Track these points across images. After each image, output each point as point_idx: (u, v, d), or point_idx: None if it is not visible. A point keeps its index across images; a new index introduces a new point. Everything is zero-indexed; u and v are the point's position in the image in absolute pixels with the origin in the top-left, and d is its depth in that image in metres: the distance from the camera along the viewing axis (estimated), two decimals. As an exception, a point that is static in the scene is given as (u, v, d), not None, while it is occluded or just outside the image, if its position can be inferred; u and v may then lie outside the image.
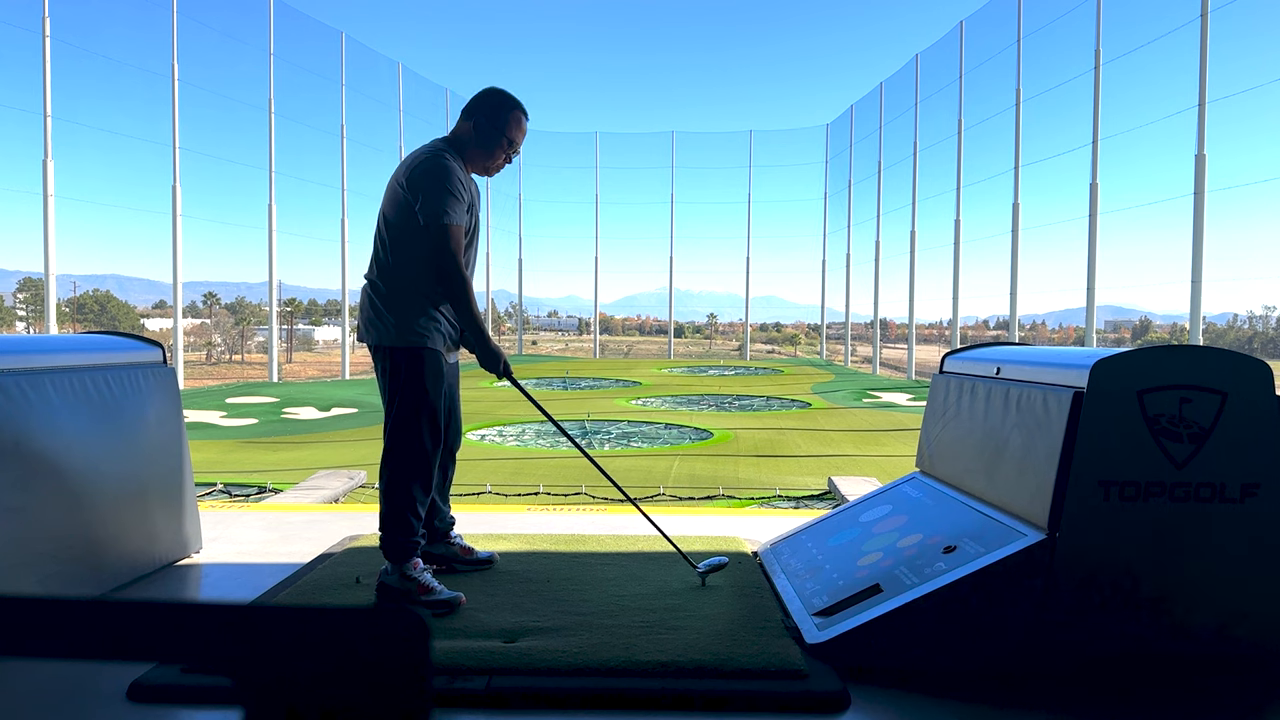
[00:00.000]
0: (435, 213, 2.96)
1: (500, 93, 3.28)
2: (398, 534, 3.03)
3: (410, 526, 3.04)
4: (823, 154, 37.27)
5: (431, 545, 3.40)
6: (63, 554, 2.98)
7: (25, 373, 2.96)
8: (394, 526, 3.03)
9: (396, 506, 3.03)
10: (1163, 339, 42.19)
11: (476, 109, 3.22)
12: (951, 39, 23.89)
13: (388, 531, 3.04)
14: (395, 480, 3.05)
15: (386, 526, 3.04)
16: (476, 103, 3.24)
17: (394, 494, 3.04)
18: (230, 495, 7.82)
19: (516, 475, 8.97)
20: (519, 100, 3.29)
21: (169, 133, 19.64)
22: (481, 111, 3.21)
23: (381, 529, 3.06)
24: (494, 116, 3.20)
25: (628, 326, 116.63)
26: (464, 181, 3.09)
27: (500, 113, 3.21)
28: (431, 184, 2.98)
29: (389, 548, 3.04)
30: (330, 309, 71.22)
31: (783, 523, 4.50)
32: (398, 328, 3.04)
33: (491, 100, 3.24)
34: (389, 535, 3.04)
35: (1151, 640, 2.52)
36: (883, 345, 33.17)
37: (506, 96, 3.27)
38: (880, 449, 11.34)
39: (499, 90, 3.29)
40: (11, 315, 56.05)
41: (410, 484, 3.05)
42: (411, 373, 3.03)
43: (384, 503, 3.06)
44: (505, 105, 3.24)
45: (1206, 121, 14.19)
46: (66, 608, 0.58)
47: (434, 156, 3.04)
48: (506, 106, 3.23)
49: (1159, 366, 2.49)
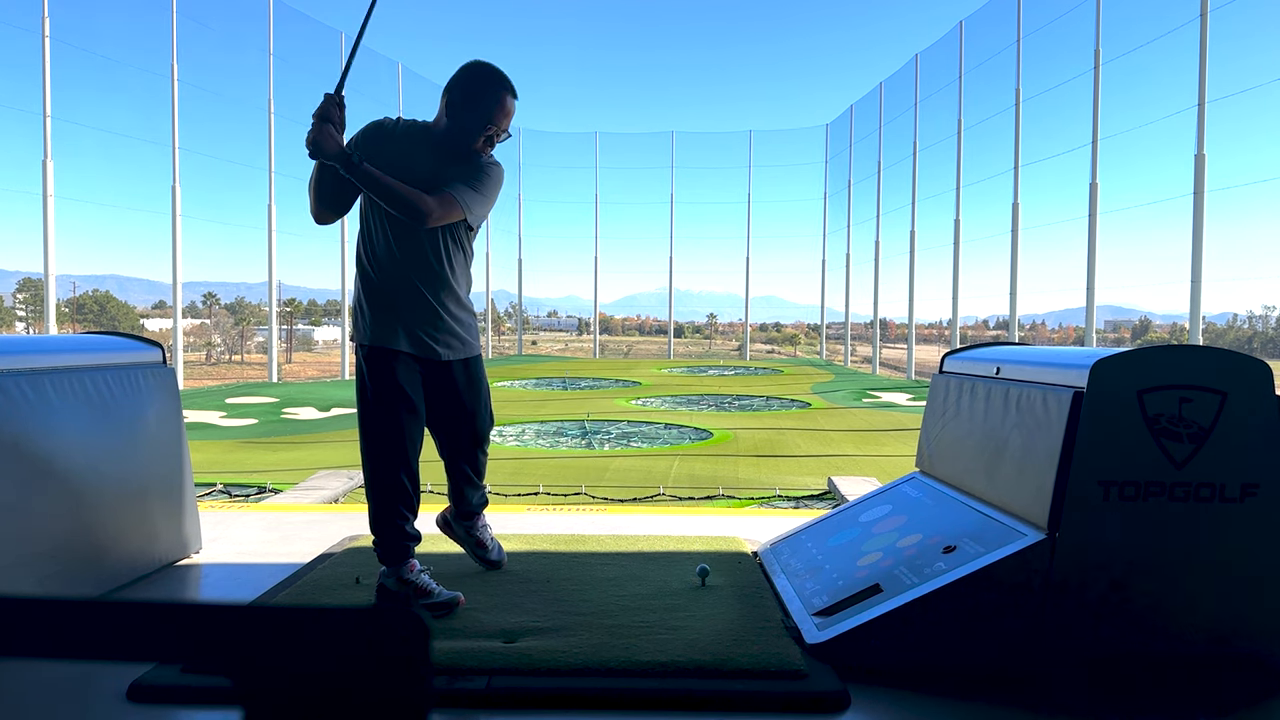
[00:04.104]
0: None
1: (484, 69, 2.94)
2: (381, 536, 3.00)
3: (390, 529, 2.97)
4: (823, 154, 37.33)
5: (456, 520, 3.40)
6: (63, 554, 2.98)
7: (25, 373, 2.96)
8: (375, 529, 3.00)
9: (372, 509, 3.00)
10: (1163, 339, 42.17)
11: (455, 86, 2.92)
12: (951, 39, 23.89)
13: (374, 534, 3.02)
14: (365, 483, 3.03)
15: (372, 529, 3.02)
16: (457, 78, 2.93)
17: (368, 497, 3.02)
18: (230, 495, 7.82)
19: (516, 475, 8.96)
20: (506, 78, 2.95)
21: (169, 133, 19.66)
22: (459, 88, 2.91)
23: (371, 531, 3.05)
24: (474, 97, 2.90)
25: (628, 326, 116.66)
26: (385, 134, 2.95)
27: (483, 96, 2.91)
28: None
29: (377, 550, 3.02)
30: (330, 309, 71.21)
31: (783, 523, 4.50)
32: (355, 325, 3.07)
33: (473, 78, 2.92)
34: (375, 537, 3.02)
35: (1151, 640, 2.52)
36: (882, 345, 33.17)
37: (490, 75, 2.93)
38: (880, 449, 11.34)
39: (482, 65, 2.95)
40: (11, 315, 56.05)
41: (374, 486, 2.97)
42: (358, 371, 3.02)
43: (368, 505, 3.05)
44: (489, 87, 2.92)
45: (1206, 121, 14.19)
46: (66, 608, 0.58)
47: None
48: (491, 88, 2.92)
49: (1159, 366, 2.49)
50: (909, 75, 26.47)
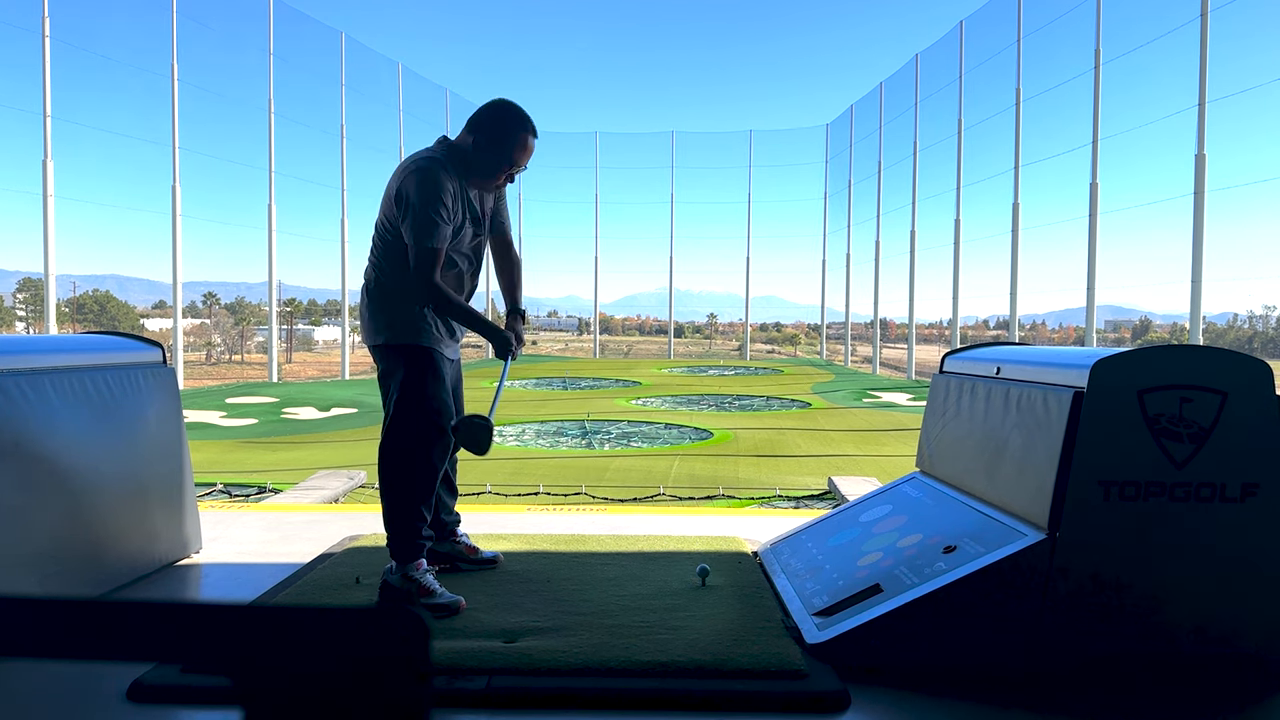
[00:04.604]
0: (417, 237, 2.92)
1: (507, 111, 3.08)
2: (402, 533, 3.02)
3: (414, 527, 3.03)
4: (823, 154, 37.30)
5: (438, 544, 3.40)
6: (63, 554, 2.98)
7: (25, 373, 2.96)
8: (398, 525, 3.02)
9: (399, 506, 3.02)
10: (1163, 339, 42.20)
11: (480, 126, 3.05)
12: (951, 39, 23.89)
13: (392, 531, 3.04)
14: (395, 480, 3.04)
15: (391, 526, 3.04)
16: (482, 119, 3.06)
17: (394, 493, 3.04)
18: (230, 495, 7.82)
19: (516, 475, 8.96)
20: (527, 118, 3.09)
21: (169, 133, 19.66)
22: (484, 130, 3.04)
23: (387, 528, 3.06)
24: (498, 140, 3.04)
25: (628, 326, 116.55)
26: (456, 195, 3.00)
27: (506, 138, 3.04)
28: (418, 204, 2.90)
29: (394, 547, 3.04)
30: (330, 309, 71.18)
31: (783, 523, 4.50)
32: (391, 326, 3.07)
33: (497, 120, 3.06)
34: (393, 534, 3.04)
35: (1151, 640, 2.52)
36: (883, 345, 33.17)
37: (513, 117, 3.07)
38: (880, 449, 11.34)
39: (506, 107, 3.09)
40: (11, 315, 56.04)
41: (411, 482, 3.03)
42: (408, 370, 3.04)
43: (385, 502, 3.05)
44: (511, 129, 3.05)
45: (1206, 121, 14.19)
46: (66, 608, 0.58)
47: (427, 170, 2.93)
48: (512, 130, 3.05)
49: (1159, 366, 2.49)
50: (909, 75, 26.47)
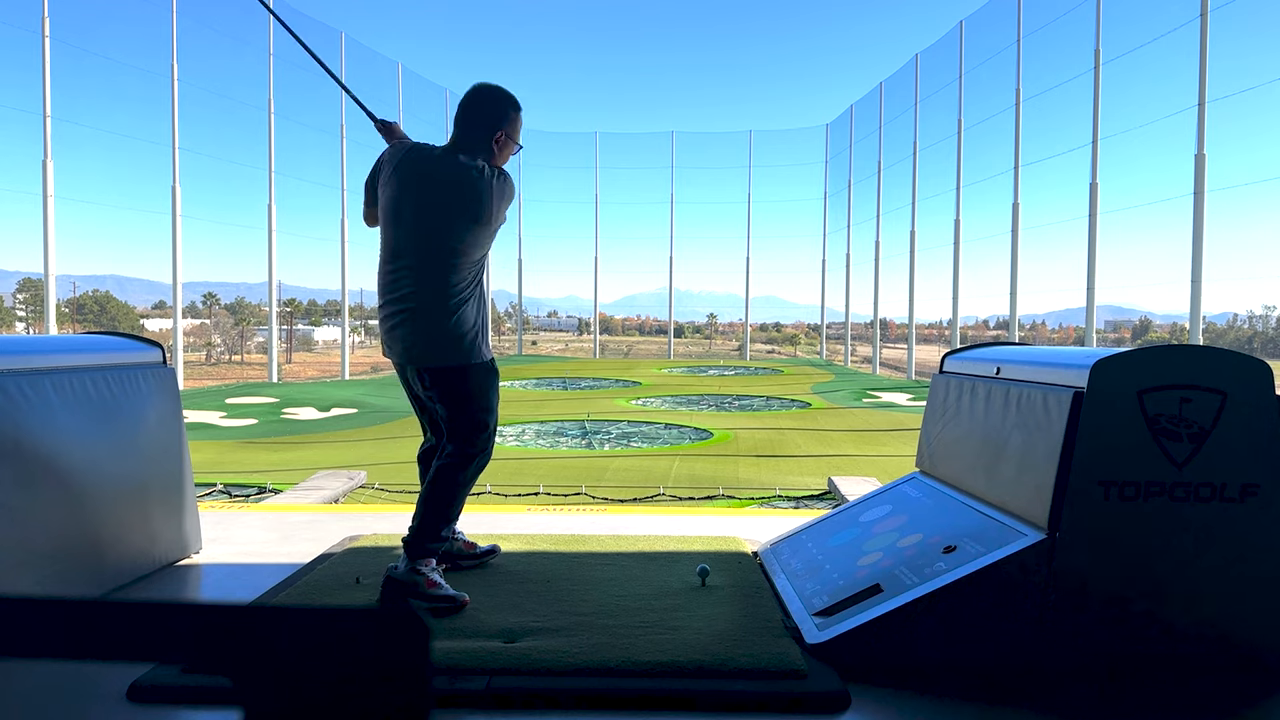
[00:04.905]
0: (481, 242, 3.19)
1: (493, 98, 3.15)
2: (430, 536, 3.03)
3: (441, 532, 3.08)
4: (823, 154, 37.32)
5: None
6: (63, 554, 2.98)
7: (25, 373, 2.96)
8: (428, 530, 3.03)
9: (439, 513, 3.06)
10: (1163, 339, 42.18)
11: (474, 122, 3.12)
12: (951, 39, 23.90)
13: (421, 533, 3.03)
14: (446, 494, 3.07)
15: (422, 529, 3.03)
16: (473, 114, 3.13)
17: (441, 504, 3.07)
18: (230, 495, 7.82)
19: (516, 475, 8.96)
20: (511, 97, 3.17)
21: (169, 133, 19.67)
22: (481, 126, 3.11)
23: (418, 531, 3.04)
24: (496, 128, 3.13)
25: (628, 326, 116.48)
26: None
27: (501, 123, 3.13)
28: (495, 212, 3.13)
29: (416, 547, 3.02)
30: (330, 309, 71.18)
31: (783, 523, 4.50)
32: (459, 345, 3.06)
33: (487, 111, 3.13)
34: (421, 536, 3.03)
35: (1151, 640, 2.52)
36: (883, 345, 33.17)
37: (499, 102, 3.15)
38: (880, 449, 11.34)
39: (491, 94, 3.16)
40: (11, 316, 56.04)
41: (459, 495, 3.12)
42: (484, 387, 3.13)
43: (427, 508, 3.05)
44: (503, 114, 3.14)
45: (1206, 121, 14.20)
46: (66, 608, 0.58)
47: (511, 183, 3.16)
48: (504, 115, 3.14)
49: (1159, 366, 2.49)
50: (909, 75, 26.47)
